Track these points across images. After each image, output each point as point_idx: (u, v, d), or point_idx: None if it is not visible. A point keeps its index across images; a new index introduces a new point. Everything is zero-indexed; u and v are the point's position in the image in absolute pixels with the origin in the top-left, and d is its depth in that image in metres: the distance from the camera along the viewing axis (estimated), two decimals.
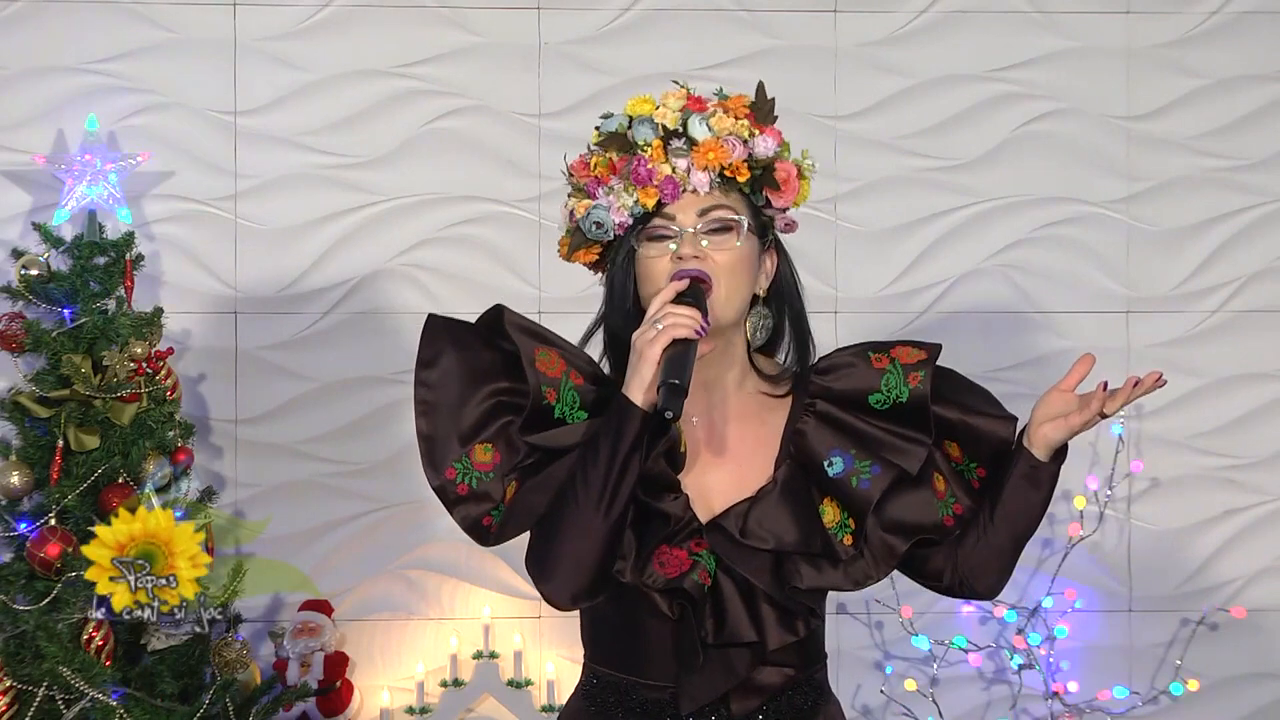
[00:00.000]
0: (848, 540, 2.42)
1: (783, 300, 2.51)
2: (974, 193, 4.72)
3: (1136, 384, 2.41)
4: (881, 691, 4.58)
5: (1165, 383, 2.44)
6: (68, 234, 4.35)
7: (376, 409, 4.59)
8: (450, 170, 4.63)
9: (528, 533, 2.41)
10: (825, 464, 2.43)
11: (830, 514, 2.42)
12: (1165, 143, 4.75)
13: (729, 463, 2.46)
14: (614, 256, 2.48)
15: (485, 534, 2.42)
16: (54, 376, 4.22)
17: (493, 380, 2.43)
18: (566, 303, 4.55)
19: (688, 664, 2.41)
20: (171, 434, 4.28)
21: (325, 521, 4.58)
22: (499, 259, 4.63)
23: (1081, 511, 4.59)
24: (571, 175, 2.53)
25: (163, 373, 4.31)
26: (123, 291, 4.31)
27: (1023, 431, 2.49)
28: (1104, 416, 2.44)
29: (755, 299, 2.48)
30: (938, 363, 2.50)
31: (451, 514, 2.42)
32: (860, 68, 4.67)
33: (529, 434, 2.40)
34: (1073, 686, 4.57)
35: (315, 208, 4.61)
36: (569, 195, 2.53)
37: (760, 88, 2.54)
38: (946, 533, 2.49)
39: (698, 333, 2.31)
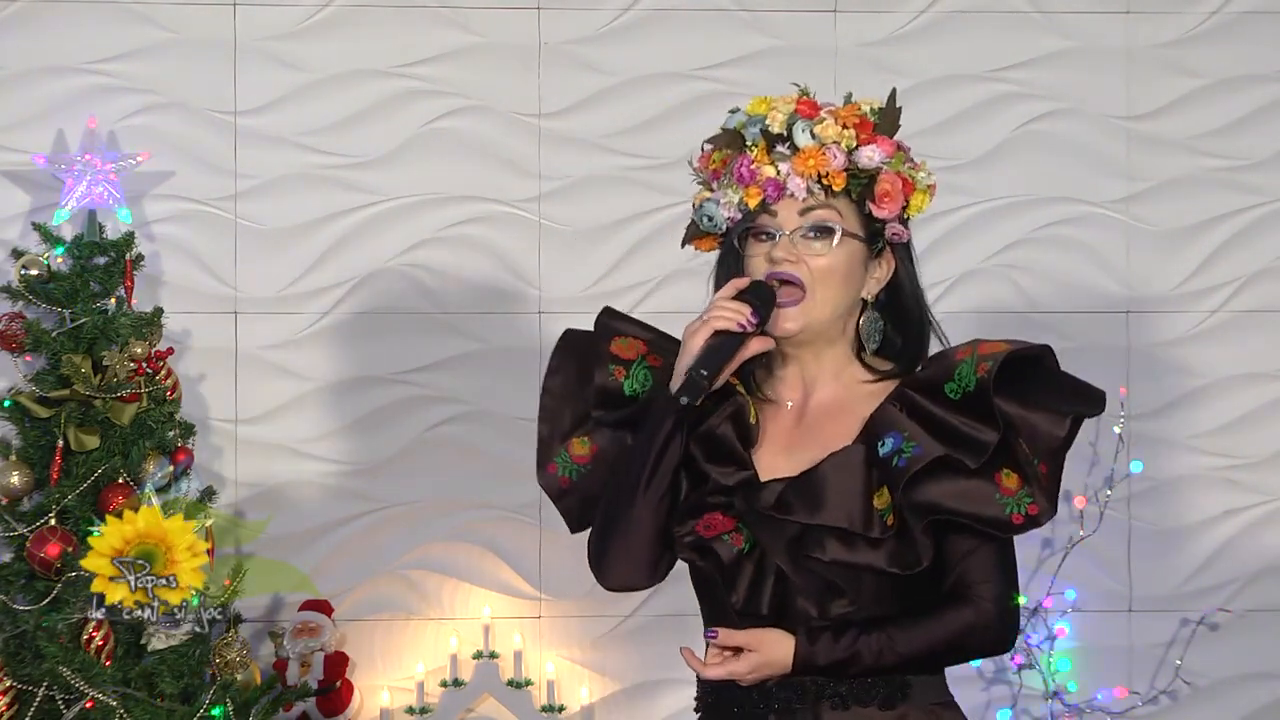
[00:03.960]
0: (890, 521, 2.41)
1: (894, 309, 2.54)
2: (974, 193, 4.71)
3: None
4: None
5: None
6: (68, 234, 4.35)
7: (376, 409, 4.59)
8: (450, 170, 4.63)
9: None
10: (879, 444, 2.44)
11: (885, 496, 2.43)
12: (1165, 143, 4.75)
13: (811, 448, 2.48)
14: (722, 251, 2.54)
15: (581, 524, 2.55)
16: (54, 376, 4.22)
17: (596, 380, 2.53)
18: (567, 303, 4.55)
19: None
20: (171, 434, 4.28)
21: (325, 521, 4.58)
22: (499, 259, 4.63)
23: (1081, 511, 4.59)
24: (697, 166, 2.57)
25: (163, 373, 4.31)
26: (123, 291, 4.31)
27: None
28: None
29: (865, 304, 2.52)
30: (1043, 359, 2.47)
31: (557, 507, 2.55)
32: (860, 68, 4.66)
33: (598, 410, 2.51)
34: (1073, 686, 4.58)
35: (315, 208, 4.60)
36: (698, 183, 2.58)
37: (891, 96, 2.59)
38: (1011, 529, 2.43)
39: (741, 326, 2.38)
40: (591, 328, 2.59)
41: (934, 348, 2.57)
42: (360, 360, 4.59)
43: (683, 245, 2.61)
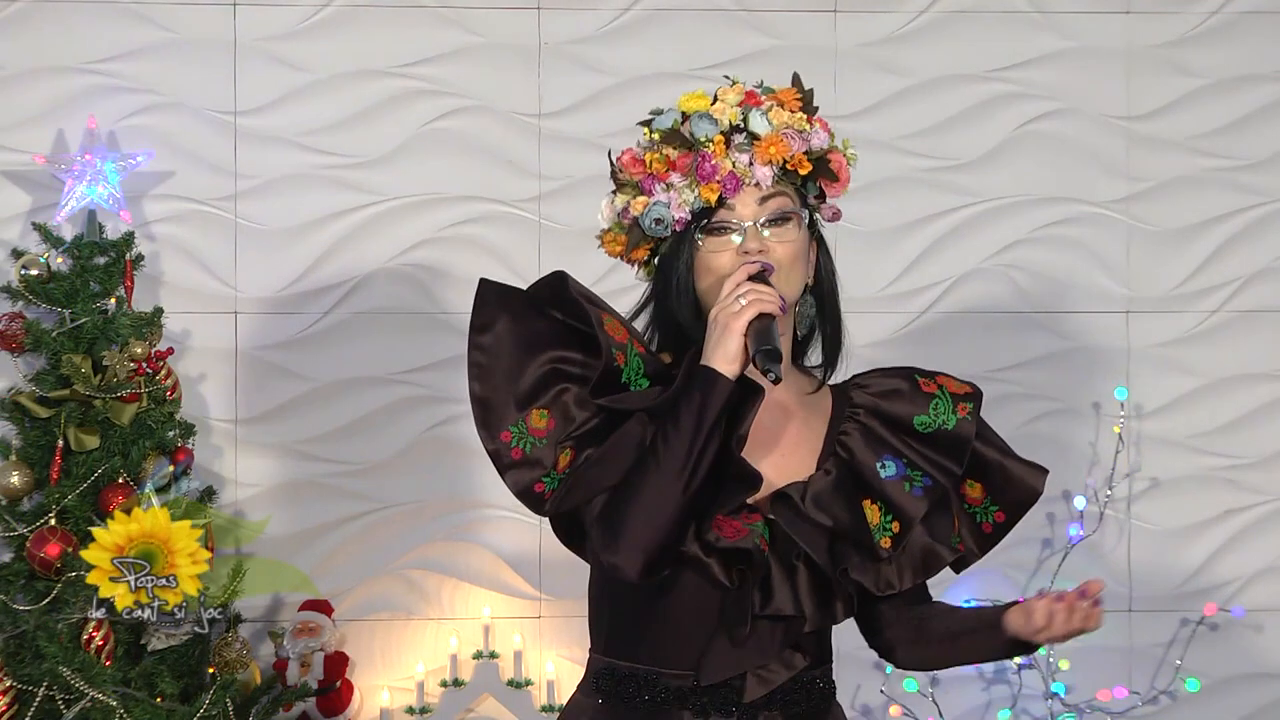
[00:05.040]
0: (885, 543, 2.44)
1: (821, 294, 2.55)
2: (974, 193, 4.72)
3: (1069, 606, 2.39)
4: (881, 691, 4.58)
5: (1097, 620, 2.40)
6: (68, 234, 4.35)
7: (376, 409, 4.59)
8: (450, 170, 4.63)
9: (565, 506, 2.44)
10: (878, 465, 2.46)
11: (871, 515, 2.45)
12: (1165, 143, 4.75)
13: (770, 452, 2.48)
14: (673, 250, 2.49)
15: (539, 501, 2.43)
16: (54, 376, 4.22)
17: (549, 348, 2.44)
18: None
19: (730, 634, 2.42)
20: (171, 434, 4.28)
21: (325, 521, 4.58)
22: (499, 259, 4.63)
23: (1081, 511, 4.59)
24: (621, 171, 2.52)
25: (163, 373, 4.31)
26: (123, 291, 4.32)
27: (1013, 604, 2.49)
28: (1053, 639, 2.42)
29: (805, 289, 2.53)
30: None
31: (504, 478, 2.44)
32: (860, 68, 4.67)
33: (599, 396, 2.41)
34: (1073, 686, 4.58)
35: (315, 208, 4.60)
36: (614, 192, 2.54)
37: (795, 79, 2.56)
38: (955, 565, 2.56)
39: (781, 309, 2.37)
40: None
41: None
42: (360, 360, 4.59)
43: (624, 256, 2.55)
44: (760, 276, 2.41)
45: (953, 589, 4.51)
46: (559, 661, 4.56)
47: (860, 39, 4.69)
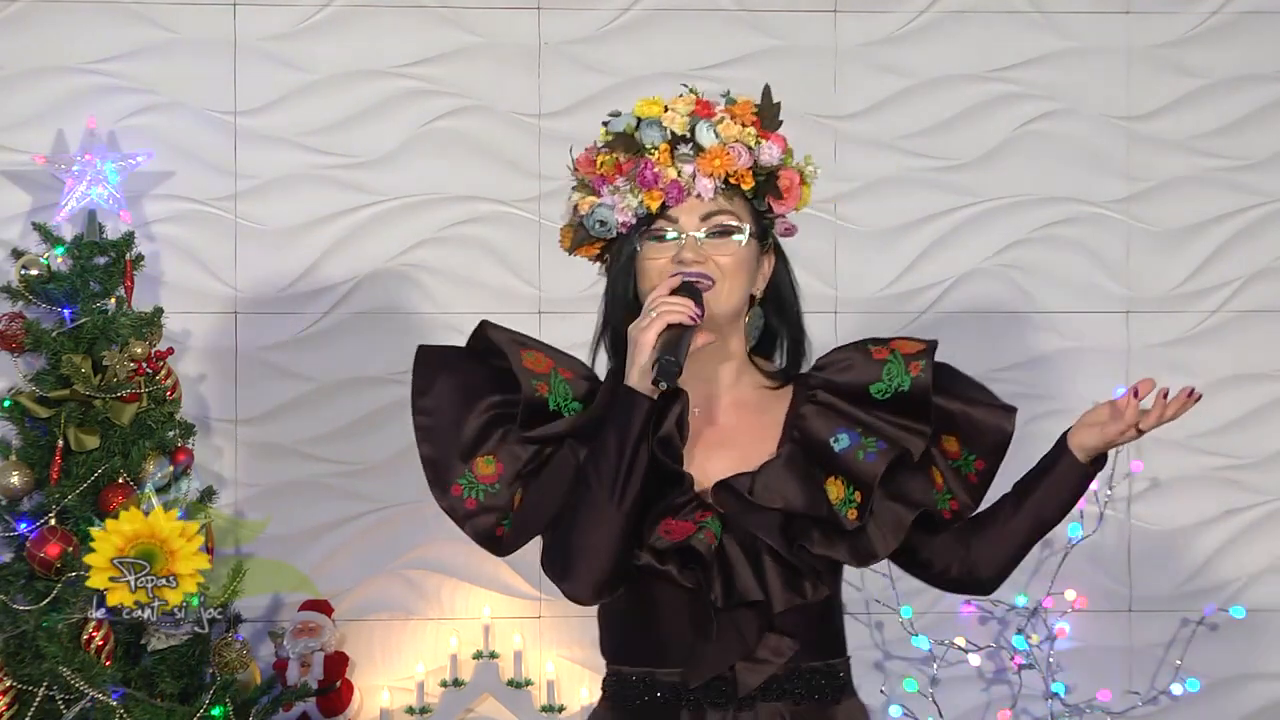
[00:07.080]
0: (852, 515, 2.44)
1: (779, 303, 2.56)
2: (974, 193, 4.72)
3: (1166, 396, 2.46)
4: (881, 691, 4.58)
5: (1199, 397, 2.49)
6: (68, 234, 4.35)
7: (376, 409, 4.59)
8: (450, 170, 4.63)
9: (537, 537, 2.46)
10: (831, 440, 2.47)
11: (835, 491, 2.46)
12: (1165, 143, 4.75)
13: (730, 449, 2.49)
14: (615, 255, 2.52)
15: (498, 544, 2.48)
16: (54, 376, 4.22)
17: (487, 394, 2.49)
18: (566, 303, 4.55)
19: (704, 632, 2.43)
20: (171, 434, 4.28)
21: (325, 521, 4.58)
22: (499, 259, 4.63)
23: (1081, 511, 4.59)
24: (577, 169, 2.57)
25: (163, 373, 4.31)
26: (123, 291, 4.32)
27: (1067, 431, 2.54)
28: (1140, 433, 2.48)
29: (751, 300, 2.54)
30: (936, 358, 2.54)
31: (463, 529, 2.48)
32: (860, 68, 4.67)
33: (527, 430, 2.45)
34: (1073, 686, 4.58)
35: (315, 208, 4.61)
36: (573, 188, 2.57)
37: (766, 91, 2.57)
38: (943, 524, 2.53)
39: (691, 319, 2.37)
40: (479, 340, 2.54)
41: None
42: (360, 360, 4.59)
43: (570, 252, 2.58)
44: (688, 288, 2.42)
45: None
46: (559, 661, 4.56)
47: (860, 39, 4.69)
